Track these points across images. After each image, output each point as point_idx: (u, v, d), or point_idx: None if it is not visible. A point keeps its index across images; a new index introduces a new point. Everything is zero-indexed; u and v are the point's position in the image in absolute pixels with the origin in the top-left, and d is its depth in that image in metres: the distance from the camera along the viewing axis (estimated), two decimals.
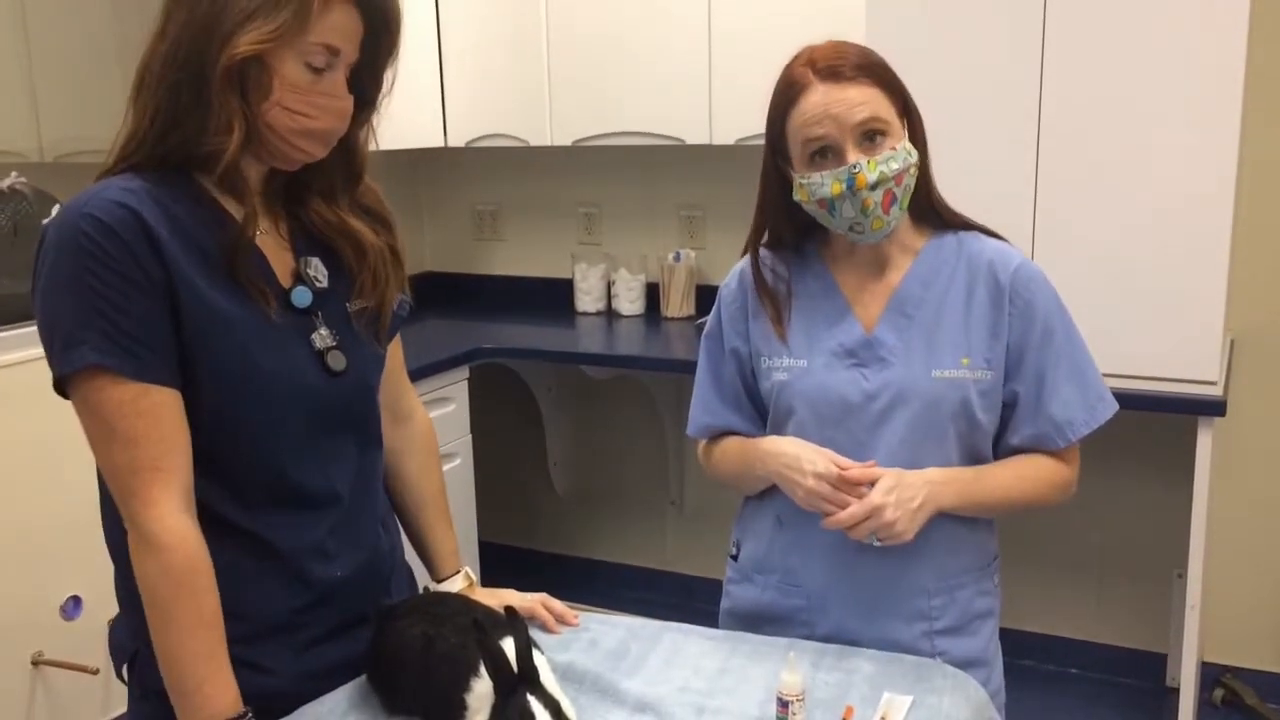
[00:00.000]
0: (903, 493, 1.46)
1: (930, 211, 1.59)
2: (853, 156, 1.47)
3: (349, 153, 1.39)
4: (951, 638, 1.59)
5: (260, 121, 1.26)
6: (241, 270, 1.28)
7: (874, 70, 1.50)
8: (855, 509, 1.45)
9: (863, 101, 1.47)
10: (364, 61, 1.34)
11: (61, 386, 1.25)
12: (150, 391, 1.22)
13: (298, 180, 1.38)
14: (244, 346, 1.28)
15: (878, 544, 1.48)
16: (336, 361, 1.36)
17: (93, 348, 1.19)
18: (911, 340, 1.55)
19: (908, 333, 1.56)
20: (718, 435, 1.71)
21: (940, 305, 1.56)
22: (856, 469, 1.48)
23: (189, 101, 1.23)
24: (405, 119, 3.37)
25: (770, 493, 1.64)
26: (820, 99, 1.47)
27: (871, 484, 1.46)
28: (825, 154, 1.49)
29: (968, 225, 1.61)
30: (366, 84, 1.36)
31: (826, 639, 1.57)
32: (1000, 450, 1.60)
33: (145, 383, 1.21)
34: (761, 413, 1.66)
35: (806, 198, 1.51)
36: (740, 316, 1.66)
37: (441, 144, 3.54)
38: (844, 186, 1.47)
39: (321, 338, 1.36)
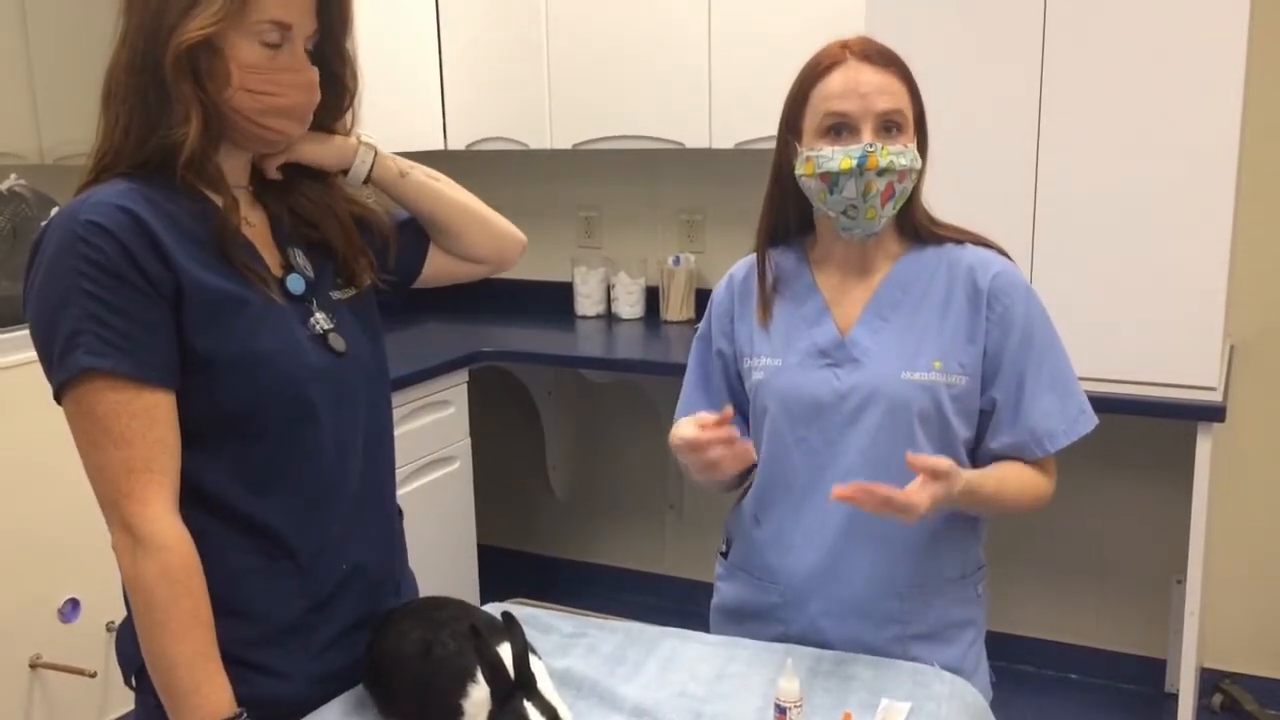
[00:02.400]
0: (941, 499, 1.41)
1: (914, 223, 1.60)
2: (868, 138, 1.48)
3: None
4: (925, 644, 1.58)
5: (226, 109, 1.26)
6: (234, 255, 1.29)
7: (904, 69, 1.53)
8: (893, 495, 1.37)
9: (891, 91, 1.50)
10: (323, 35, 1.33)
11: (59, 394, 1.24)
12: (144, 393, 1.22)
13: (286, 166, 1.40)
14: (254, 328, 1.29)
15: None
16: (337, 343, 1.38)
17: (86, 350, 1.19)
18: (885, 342, 1.56)
19: (882, 335, 1.56)
20: None
21: (917, 309, 1.57)
22: (711, 420, 1.47)
23: (157, 102, 1.24)
24: (405, 122, 3.37)
25: (749, 490, 1.66)
26: (852, 75, 1.50)
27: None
28: (840, 131, 1.50)
29: (952, 238, 1.61)
30: (331, 58, 1.36)
31: (800, 637, 1.58)
32: (979, 456, 1.60)
33: (140, 382, 1.21)
34: (746, 417, 1.67)
35: (811, 170, 1.51)
36: (727, 319, 1.68)
37: (441, 147, 3.54)
38: (854, 163, 1.47)
39: (318, 321, 1.37)
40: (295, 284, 1.37)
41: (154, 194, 1.25)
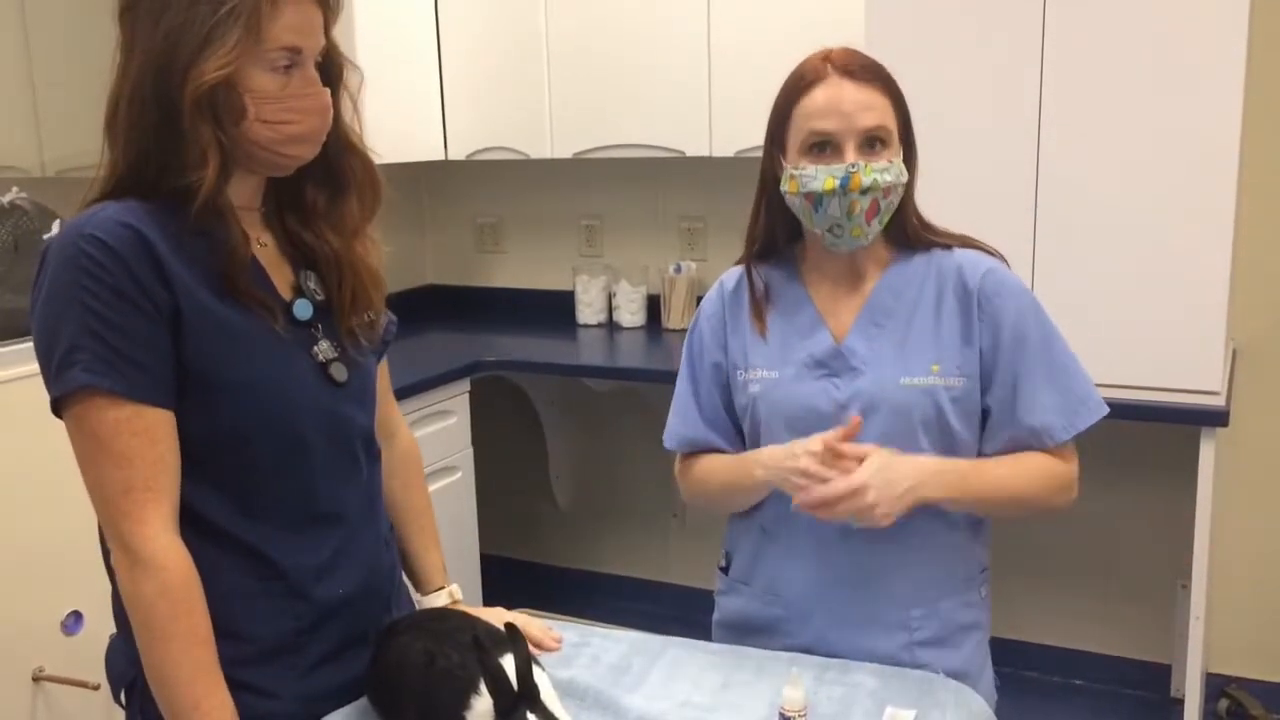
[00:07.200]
0: (889, 474, 1.43)
1: (904, 231, 1.59)
2: (851, 157, 1.47)
3: (328, 160, 1.36)
4: (933, 650, 1.57)
5: (244, 140, 1.25)
6: (242, 287, 1.28)
7: (888, 82, 1.52)
8: (837, 485, 1.41)
9: (874, 106, 1.48)
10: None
11: (57, 407, 1.24)
12: (145, 412, 1.21)
13: (280, 197, 1.38)
14: (253, 358, 1.28)
15: (856, 525, 1.46)
16: (339, 373, 1.37)
17: (84, 368, 1.19)
18: (882, 349, 1.56)
19: (878, 341, 1.56)
20: (695, 451, 1.70)
21: (911, 314, 1.56)
22: (848, 446, 1.45)
23: (170, 140, 1.22)
24: (406, 132, 3.38)
25: (756, 505, 1.64)
26: (834, 93, 1.48)
27: (860, 461, 1.43)
28: (824, 148, 1.49)
29: (941, 243, 1.60)
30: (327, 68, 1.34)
31: (807, 650, 1.57)
32: (981, 456, 1.58)
33: (140, 402, 1.21)
34: (739, 429, 1.67)
35: (795, 189, 1.51)
36: (720, 329, 1.67)
37: (442, 157, 3.54)
38: (837, 183, 1.47)
39: (322, 350, 1.36)
40: (303, 310, 1.36)
41: (161, 217, 1.24)
